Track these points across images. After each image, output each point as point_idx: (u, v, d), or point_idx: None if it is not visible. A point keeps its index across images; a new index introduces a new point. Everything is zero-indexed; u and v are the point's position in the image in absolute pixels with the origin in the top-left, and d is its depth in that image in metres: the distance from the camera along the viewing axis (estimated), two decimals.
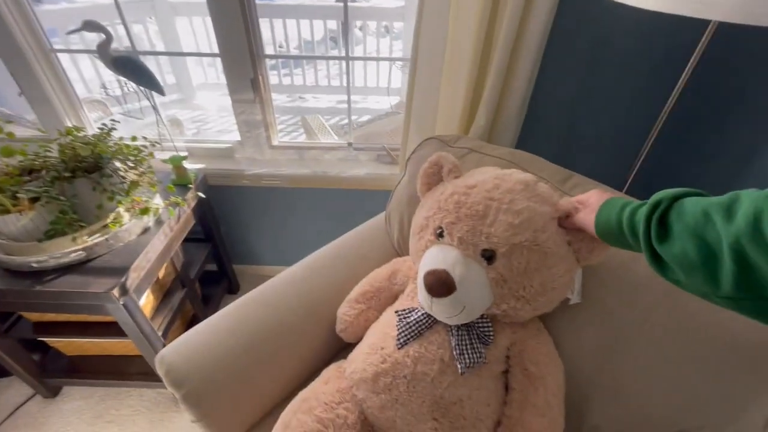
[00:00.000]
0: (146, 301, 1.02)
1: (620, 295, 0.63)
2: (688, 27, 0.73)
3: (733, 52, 0.94)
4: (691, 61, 0.76)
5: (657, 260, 0.38)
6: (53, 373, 1.15)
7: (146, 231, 0.97)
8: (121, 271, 0.85)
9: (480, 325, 0.60)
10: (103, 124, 0.94)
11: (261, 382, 0.71)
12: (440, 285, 0.55)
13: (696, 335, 0.58)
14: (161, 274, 1.08)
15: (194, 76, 3.30)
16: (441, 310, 0.57)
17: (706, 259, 0.32)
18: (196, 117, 3.11)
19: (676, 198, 0.37)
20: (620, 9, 0.73)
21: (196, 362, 0.66)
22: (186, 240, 1.15)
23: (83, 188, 0.88)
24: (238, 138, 1.32)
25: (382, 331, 0.66)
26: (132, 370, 1.16)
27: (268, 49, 2.93)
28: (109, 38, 1.04)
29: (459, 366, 0.58)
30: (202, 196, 1.15)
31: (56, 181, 0.85)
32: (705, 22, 0.68)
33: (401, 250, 0.95)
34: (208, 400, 0.65)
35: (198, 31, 3.04)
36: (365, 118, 3.11)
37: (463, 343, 0.59)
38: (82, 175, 0.87)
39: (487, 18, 0.85)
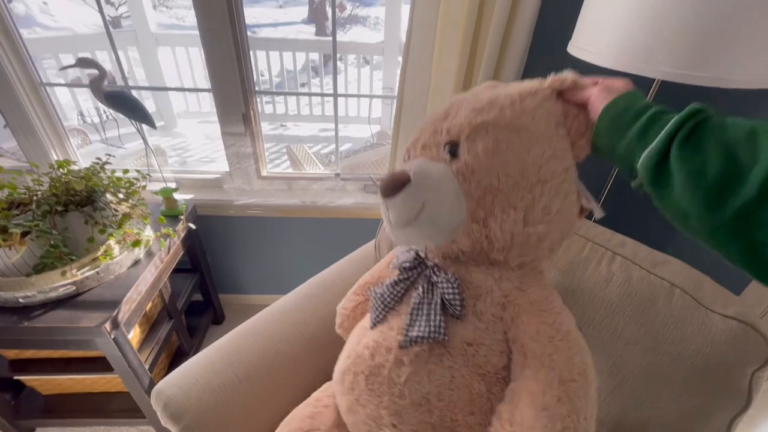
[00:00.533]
0: (133, 334, 1.01)
1: (594, 317, 0.69)
2: (640, 80, 0.83)
3: (679, 101, 1.07)
4: None
5: (659, 167, 0.35)
6: (27, 413, 1.09)
7: (137, 263, 0.98)
8: (113, 304, 0.85)
9: (442, 283, 0.47)
10: (97, 159, 0.96)
11: (259, 411, 0.72)
12: (392, 180, 0.44)
13: (662, 354, 0.64)
14: (148, 306, 1.08)
15: (175, 104, 3.32)
16: (397, 213, 0.45)
17: (726, 176, 0.30)
18: (176, 144, 3.11)
19: (718, 114, 0.35)
20: (582, 63, 0.83)
21: (194, 394, 0.67)
22: (174, 271, 1.15)
23: (75, 221, 0.89)
24: (227, 168, 1.35)
25: (362, 324, 0.58)
26: (113, 408, 1.12)
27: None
28: (102, 74, 1.07)
29: (399, 337, 0.47)
30: (193, 227, 1.16)
31: (48, 214, 0.86)
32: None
33: None
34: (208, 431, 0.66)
35: (180, 61, 3.09)
36: (347, 146, 3.20)
37: (419, 310, 0.47)
38: (74, 208, 0.88)
39: (465, 63, 0.94)
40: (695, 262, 0.72)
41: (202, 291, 1.42)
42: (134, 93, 1.16)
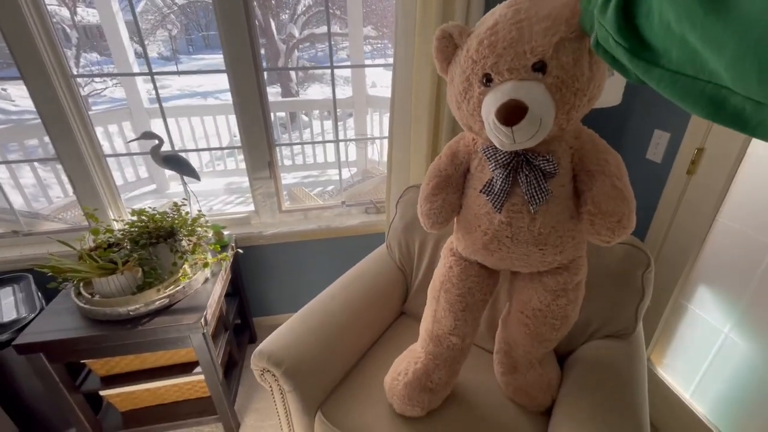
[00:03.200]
0: None
1: None
2: None
3: None
4: None
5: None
6: (109, 429, 1.28)
7: (207, 281, 1.25)
8: (200, 308, 1.12)
9: (542, 163, 0.65)
10: (175, 202, 1.26)
11: (336, 354, 1.01)
12: (513, 111, 0.56)
13: (592, 270, 1.01)
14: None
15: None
16: (523, 134, 0.58)
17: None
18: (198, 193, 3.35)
19: None
20: None
21: (287, 347, 0.95)
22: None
23: (163, 251, 1.17)
24: (251, 208, 1.66)
25: (472, 213, 0.77)
26: (183, 412, 1.32)
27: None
28: (160, 142, 1.39)
29: (531, 208, 0.68)
30: (240, 251, 1.45)
31: (146, 246, 1.14)
32: None
33: (403, 265, 1.32)
34: (301, 372, 0.93)
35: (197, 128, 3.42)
36: (330, 188, 3.57)
37: (531, 186, 0.66)
38: (162, 241, 1.17)
39: (434, 104, 1.35)
40: None
41: (240, 314, 1.67)
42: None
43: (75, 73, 1.32)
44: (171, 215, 1.23)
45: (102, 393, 1.25)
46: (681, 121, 1.13)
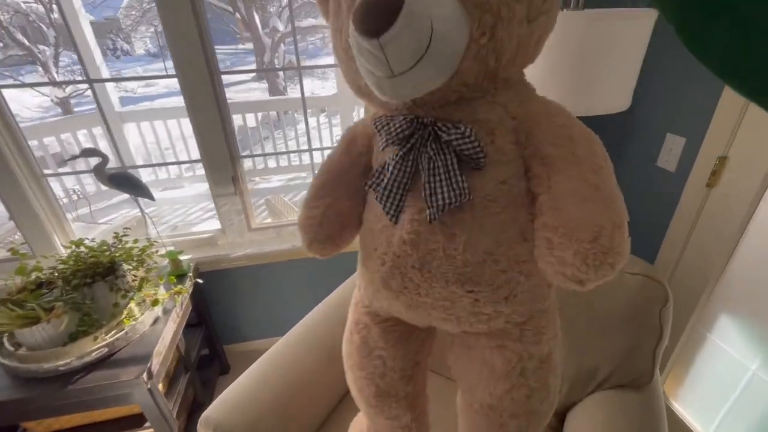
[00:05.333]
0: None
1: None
2: None
3: None
4: None
5: None
6: None
7: (157, 320, 1.09)
8: (145, 358, 0.96)
9: (456, 137, 0.41)
10: (115, 233, 1.09)
11: (300, 414, 0.86)
12: (376, 8, 0.34)
13: (597, 311, 0.85)
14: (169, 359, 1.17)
15: (144, 175, 3.41)
16: (400, 51, 0.35)
17: None
18: (151, 213, 3.17)
19: None
20: None
21: (239, 413, 0.79)
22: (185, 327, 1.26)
23: (101, 291, 1.00)
24: (218, 226, 1.50)
25: (367, 229, 0.53)
26: None
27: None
28: (105, 160, 1.22)
29: (427, 211, 0.43)
30: (200, 281, 1.29)
31: (78, 287, 0.97)
32: None
33: None
34: None
35: (146, 133, 3.23)
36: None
37: (436, 175, 0.42)
38: (100, 279, 1.00)
39: None
40: None
41: (208, 344, 1.51)
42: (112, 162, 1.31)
43: None
44: (113, 247, 1.06)
45: None
46: (699, 125, 0.96)
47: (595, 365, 0.85)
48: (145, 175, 3.40)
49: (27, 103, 8.31)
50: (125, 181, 1.24)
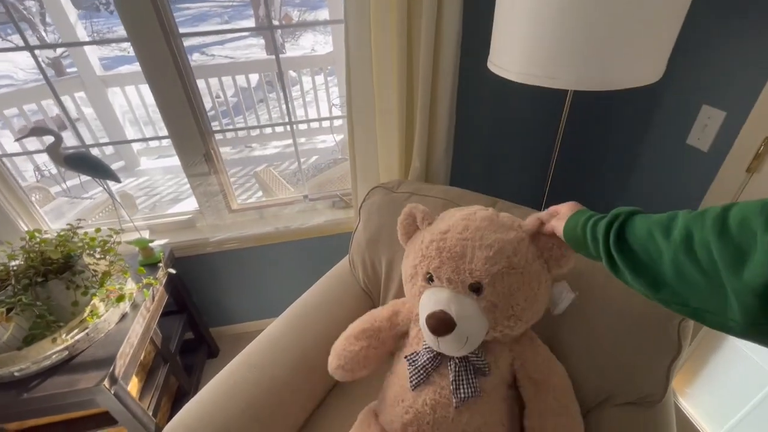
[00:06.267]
0: (131, 385, 1.05)
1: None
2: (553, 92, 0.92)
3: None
4: (566, 107, 0.95)
5: (612, 263, 0.45)
6: None
7: (124, 317, 1.01)
8: (108, 361, 0.89)
9: (474, 359, 0.67)
10: (69, 224, 0.99)
11: (278, 421, 0.79)
12: (442, 324, 0.62)
13: (613, 322, 0.74)
14: (142, 355, 1.11)
15: (135, 144, 3.27)
16: (448, 346, 0.64)
17: (650, 267, 0.40)
18: (142, 184, 3.08)
19: (632, 214, 0.45)
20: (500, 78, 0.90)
21: (208, 422, 0.72)
22: (162, 315, 1.18)
23: (57, 289, 0.92)
24: (197, 207, 1.38)
25: (399, 383, 0.73)
26: None
27: (207, 100, 2.97)
28: (58, 140, 1.09)
29: (454, 400, 0.66)
30: (173, 272, 1.20)
31: (29, 287, 0.88)
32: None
33: (368, 288, 1.06)
34: None
35: (133, 99, 3.05)
36: (314, 158, 3.25)
37: (460, 378, 0.66)
38: (54, 276, 0.91)
39: (405, 77, 1.01)
40: None
41: (192, 329, 1.45)
42: (82, 128, 1.18)
43: None
44: (69, 241, 0.96)
45: None
46: (744, 97, 0.79)
47: (602, 380, 0.75)
48: (135, 144, 3.26)
49: (21, 64, 8.03)
50: (82, 163, 1.12)
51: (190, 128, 1.19)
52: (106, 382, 0.85)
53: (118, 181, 1.20)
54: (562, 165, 1.26)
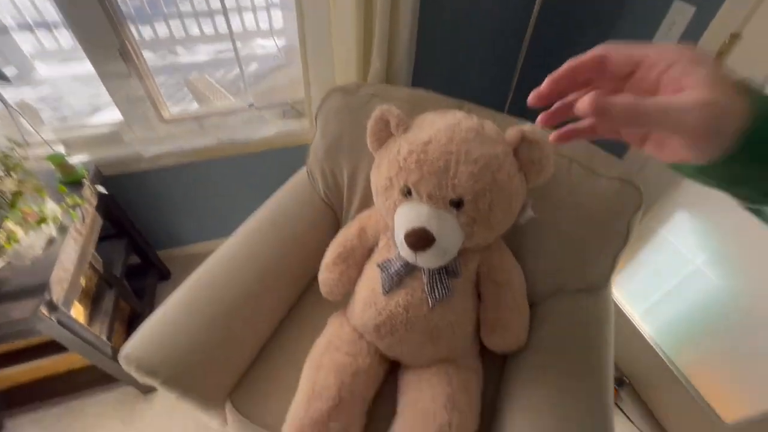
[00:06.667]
0: (76, 313, 0.97)
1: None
2: None
3: None
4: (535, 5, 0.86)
5: None
6: None
7: (52, 242, 0.89)
8: (40, 288, 0.80)
9: (449, 264, 0.68)
10: None
11: (230, 350, 0.77)
12: (421, 241, 0.60)
13: (564, 219, 0.77)
14: (83, 281, 1.02)
15: (25, 44, 2.67)
16: (426, 260, 0.64)
17: None
18: (46, 97, 2.59)
19: None
20: None
21: (163, 350, 0.69)
22: (100, 240, 1.07)
23: None
24: (121, 117, 1.18)
25: (369, 288, 0.74)
26: (81, 381, 1.12)
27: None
28: None
29: (430, 300, 0.67)
30: (103, 190, 1.05)
31: None
32: None
33: (330, 201, 1.02)
34: (186, 379, 0.70)
35: None
36: (253, 66, 2.89)
37: (434, 281, 0.67)
38: None
39: None
40: None
41: (138, 253, 1.35)
42: None
43: None
44: None
45: None
46: None
47: (557, 270, 0.81)
48: (26, 46, 2.66)
49: None
50: None
51: (94, 14, 0.95)
52: (43, 310, 0.77)
53: (6, 79, 0.97)
54: (527, 66, 1.21)
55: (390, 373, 0.79)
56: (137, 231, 1.30)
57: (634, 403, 1.21)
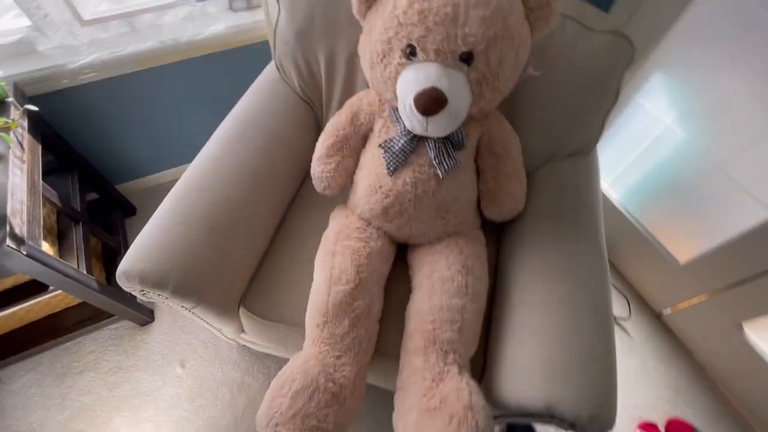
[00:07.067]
0: (45, 250, 0.88)
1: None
2: None
3: None
4: None
5: None
6: None
7: None
8: None
9: (454, 135, 0.65)
10: None
11: (234, 254, 0.74)
12: (435, 103, 0.55)
13: (559, 78, 0.76)
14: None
15: None
16: (437, 126, 0.59)
17: None
18: None
19: None
20: None
21: (167, 258, 0.65)
22: (46, 174, 0.93)
23: None
24: (27, 22, 0.96)
25: (372, 172, 0.71)
26: (70, 322, 1.07)
27: None
28: None
29: (439, 172, 0.66)
30: (33, 108, 0.89)
31: None
32: None
33: (307, 95, 0.93)
34: (196, 285, 0.67)
35: None
36: None
37: (441, 154, 0.65)
38: None
39: None
40: None
41: (95, 188, 1.21)
42: None
43: None
44: None
45: None
46: None
47: (551, 137, 0.83)
48: None
49: None
50: None
51: None
52: (10, 243, 0.68)
53: None
54: None
55: (398, 257, 0.81)
56: (84, 160, 1.15)
57: None
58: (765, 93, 0.85)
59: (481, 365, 0.72)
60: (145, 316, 1.12)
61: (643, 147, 1.12)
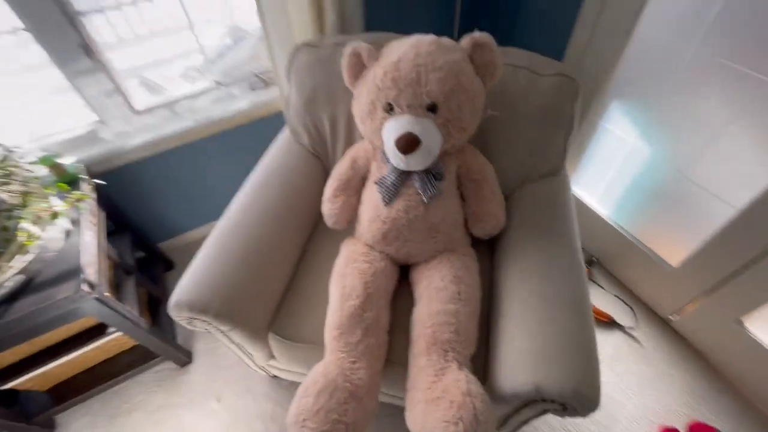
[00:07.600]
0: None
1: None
2: None
3: None
4: None
5: None
6: (38, 411, 1.12)
7: (69, 234, 0.95)
8: (75, 272, 0.87)
9: (434, 168, 0.80)
10: None
11: (263, 284, 0.88)
12: (410, 143, 0.72)
13: (516, 116, 0.92)
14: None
15: None
16: (415, 161, 0.75)
17: None
18: None
19: None
20: None
21: (209, 289, 0.79)
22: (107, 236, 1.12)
23: None
24: (94, 118, 1.21)
25: (372, 205, 0.86)
26: (119, 366, 1.20)
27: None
28: None
29: (424, 198, 0.81)
30: (102, 182, 1.10)
31: None
32: None
33: (317, 150, 1.12)
34: (233, 311, 0.81)
35: None
36: (194, 58, 2.83)
37: (425, 183, 0.80)
38: None
39: None
40: (524, 46, 0.96)
41: (141, 247, 1.40)
42: None
43: None
44: None
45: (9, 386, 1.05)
46: None
47: (519, 164, 0.97)
48: None
49: None
50: None
51: (49, 11, 0.97)
52: (85, 287, 0.85)
53: None
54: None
55: (403, 278, 0.93)
56: (135, 224, 1.35)
57: (605, 277, 1.43)
58: (708, 101, 0.98)
59: (482, 366, 0.81)
60: (184, 356, 1.25)
61: (616, 165, 1.24)
